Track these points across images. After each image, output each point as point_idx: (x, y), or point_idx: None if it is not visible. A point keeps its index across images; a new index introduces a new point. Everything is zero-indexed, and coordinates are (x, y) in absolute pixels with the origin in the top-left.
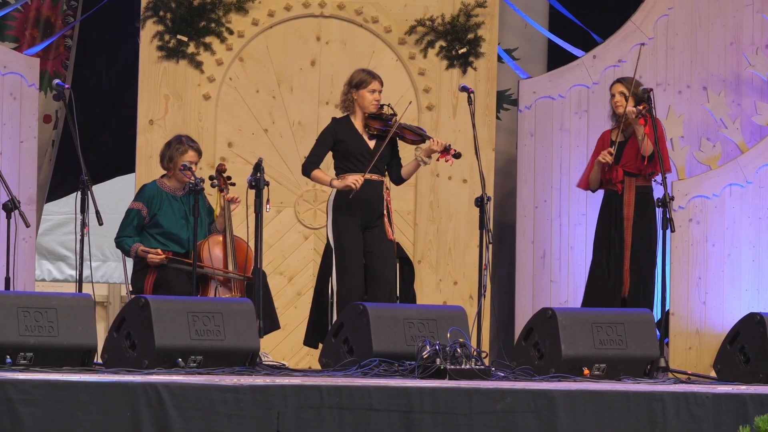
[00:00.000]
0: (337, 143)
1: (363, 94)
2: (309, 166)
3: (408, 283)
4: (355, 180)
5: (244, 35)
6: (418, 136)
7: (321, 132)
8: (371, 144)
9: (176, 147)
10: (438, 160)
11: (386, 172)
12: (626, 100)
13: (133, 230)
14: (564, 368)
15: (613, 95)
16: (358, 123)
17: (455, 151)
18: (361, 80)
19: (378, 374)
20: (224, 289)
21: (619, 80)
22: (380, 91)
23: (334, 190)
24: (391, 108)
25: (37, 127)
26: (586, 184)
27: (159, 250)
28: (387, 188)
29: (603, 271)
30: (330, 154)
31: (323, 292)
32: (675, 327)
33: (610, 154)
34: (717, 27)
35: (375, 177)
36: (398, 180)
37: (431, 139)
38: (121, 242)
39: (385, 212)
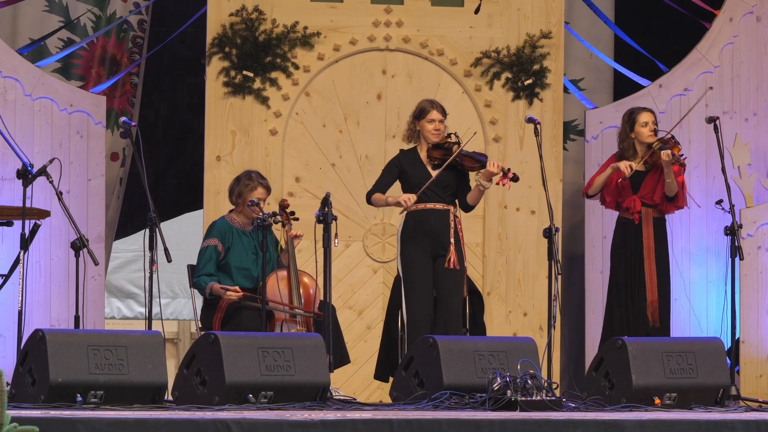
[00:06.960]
0: (402, 174)
1: (423, 125)
2: (370, 192)
3: (478, 315)
4: (407, 198)
5: (309, 70)
6: (477, 162)
7: (387, 163)
8: (434, 174)
9: (245, 183)
10: (498, 183)
11: (456, 201)
12: (655, 133)
13: (213, 267)
14: (635, 398)
15: (645, 123)
16: (423, 153)
17: (513, 174)
18: (420, 110)
19: (449, 407)
20: (291, 325)
21: (647, 109)
22: (441, 120)
23: (402, 220)
24: (457, 136)
25: (104, 165)
26: (587, 188)
27: (237, 288)
28: (456, 217)
29: (622, 303)
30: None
31: (393, 325)
32: (745, 355)
33: (631, 168)
34: None
35: (440, 206)
36: (465, 207)
37: (489, 162)
38: (199, 281)
39: (452, 240)
